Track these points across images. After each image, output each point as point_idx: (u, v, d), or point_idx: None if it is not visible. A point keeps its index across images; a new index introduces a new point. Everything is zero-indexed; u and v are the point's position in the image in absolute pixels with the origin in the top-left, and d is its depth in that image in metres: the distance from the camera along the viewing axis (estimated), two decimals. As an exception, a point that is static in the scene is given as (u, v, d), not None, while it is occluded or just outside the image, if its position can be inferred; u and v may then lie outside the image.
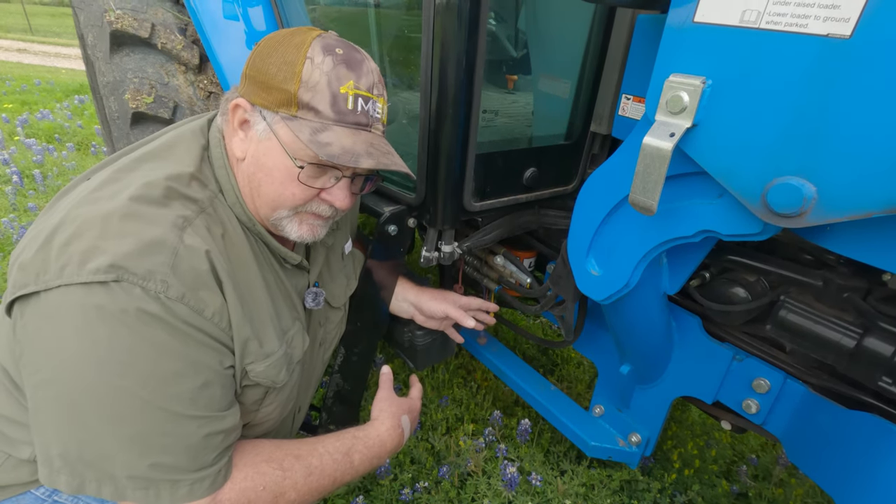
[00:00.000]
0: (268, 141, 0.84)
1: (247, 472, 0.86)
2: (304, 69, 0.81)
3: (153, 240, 0.73)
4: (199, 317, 0.75)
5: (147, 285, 0.70)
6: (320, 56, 0.82)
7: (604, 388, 1.67)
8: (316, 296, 1.09)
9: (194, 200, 0.82)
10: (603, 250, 1.09)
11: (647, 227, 0.96)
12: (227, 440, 0.82)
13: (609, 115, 1.30)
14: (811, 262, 1.13)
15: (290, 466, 0.90)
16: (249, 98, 0.85)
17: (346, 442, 1.01)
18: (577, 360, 2.54)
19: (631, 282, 1.04)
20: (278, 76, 0.81)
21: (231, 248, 0.85)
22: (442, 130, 1.17)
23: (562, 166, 1.44)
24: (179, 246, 0.75)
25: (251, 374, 0.88)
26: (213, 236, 0.82)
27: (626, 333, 1.32)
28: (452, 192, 1.25)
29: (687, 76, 0.78)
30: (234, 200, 0.88)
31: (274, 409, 0.99)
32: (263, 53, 0.84)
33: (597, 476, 1.75)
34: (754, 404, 1.24)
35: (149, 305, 0.70)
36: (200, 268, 0.76)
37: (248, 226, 0.90)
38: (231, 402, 0.85)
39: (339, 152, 0.81)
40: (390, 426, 1.10)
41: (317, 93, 0.81)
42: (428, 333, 1.52)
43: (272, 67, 0.82)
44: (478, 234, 1.45)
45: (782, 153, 0.71)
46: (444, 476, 1.73)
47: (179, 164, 0.85)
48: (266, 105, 0.83)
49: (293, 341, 0.99)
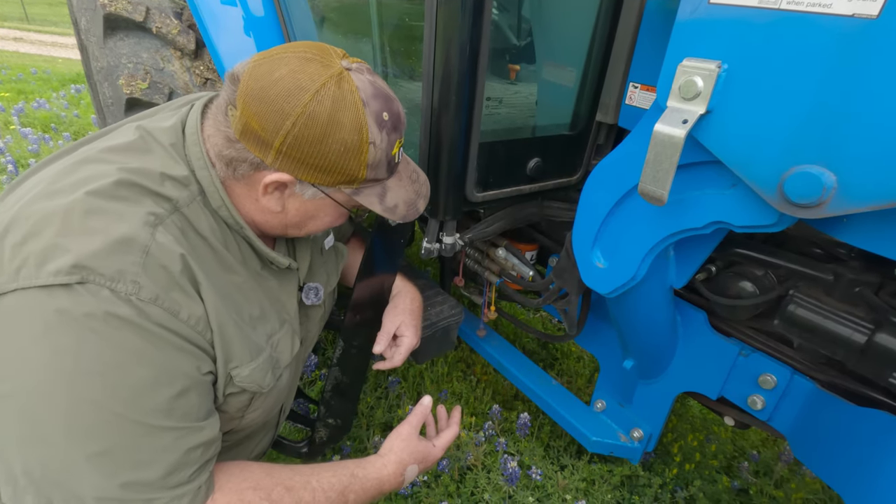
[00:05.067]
0: (321, 201, 0.85)
1: (230, 499, 0.80)
2: (370, 155, 0.80)
3: (122, 237, 0.68)
4: (174, 319, 0.70)
5: (116, 287, 0.65)
6: (378, 135, 0.80)
7: (605, 383, 1.65)
8: (317, 291, 1.07)
9: (168, 199, 0.77)
10: (609, 242, 1.06)
11: (655, 218, 0.93)
12: (207, 454, 0.78)
13: (616, 104, 1.27)
14: (821, 255, 1.11)
15: (278, 498, 0.84)
16: (294, 175, 0.79)
17: (342, 479, 0.95)
18: (577, 355, 2.53)
19: (638, 275, 1.02)
20: (340, 163, 0.78)
21: (209, 251, 0.81)
22: (444, 119, 1.14)
23: (566, 157, 1.41)
24: (151, 244, 0.70)
25: (236, 379, 0.83)
26: (188, 238, 0.77)
27: (630, 328, 1.30)
28: (455, 182, 1.22)
29: (701, 60, 0.75)
30: (220, 204, 0.83)
31: (259, 414, 0.95)
32: (310, 137, 0.75)
33: (597, 471, 1.73)
34: (760, 400, 1.22)
35: (119, 308, 0.65)
36: (174, 268, 0.71)
37: (234, 228, 0.86)
38: (210, 411, 0.80)
39: (405, 210, 0.89)
40: (393, 472, 1.04)
41: (379, 168, 0.83)
42: (428, 327, 1.50)
43: (331, 155, 0.77)
44: (480, 226, 1.42)
45: (801, 141, 0.68)
46: (443, 470, 1.72)
47: (152, 160, 0.79)
48: (323, 183, 0.81)
49: (279, 345, 0.95)
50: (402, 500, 1.67)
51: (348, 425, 1.51)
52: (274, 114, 0.73)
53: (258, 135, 0.76)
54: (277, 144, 0.75)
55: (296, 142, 0.75)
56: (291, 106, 0.73)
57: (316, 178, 0.80)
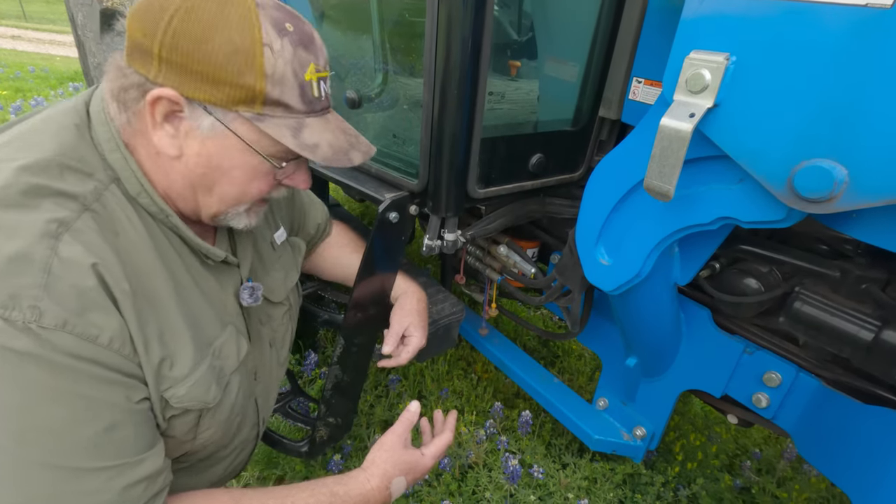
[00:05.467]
0: (222, 139, 0.71)
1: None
2: (266, 61, 0.66)
3: (14, 255, 0.58)
4: (91, 346, 0.61)
5: (11, 315, 0.56)
6: (277, 40, 0.67)
7: (608, 381, 1.64)
8: (253, 290, 0.92)
9: (72, 196, 0.65)
10: (613, 239, 1.05)
11: (661, 213, 0.92)
12: (152, 487, 0.69)
13: (619, 99, 1.26)
14: (827, 251, 1.10)
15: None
16: (181, 90, 0.66)
17: (321, 499, 0.87)
18: (578, 352, 2.51)
19: (642, 271, 1.00)
20: (229, 68, 0.65)
21: (129, 252, 0.69)
22: (446, 114, 1.12)
23: (568, 153, 1.39)
24: (52, 260, 0.59)
25: (173, 400, 0.74)
26: (105, 240, 0.66)
27: (633, 325, 1.29)
28: (456, 178, 1.21)
29: (709, 53, 0.74)
30: (139, 189, 0.72)
31: (214, 432, 0.85)
32: (190, 33, 0.64)
33: (599, 469, 1.72)
34: (764, 398, 1.21)
35: (15, 341, 0.56)
36: (85, 284, 0.61)
37: (159, 218, 0.75)
38: (151, 441, 0.71)
39: (332, 153, 0.73)
40: (377, 486, 0.95)
41: (285, 87, 0.69)
42: (429, 325, 1.48)
43: (216, 56, 0.65)
44: (481, 223, 1.40)
45: (812, 134, 0.67)
46: (444, 468, 1.70)
47: (44, 150, 0.66)
48: (214, 102, 0.68)
49: (222, 351, 0.84)
50: (403, 499, 1.66)
51: (349, 424, 1.50)
52: (153, 13, 0.64)
53: (141, 45, 0.65)
54: (157, 49, 0.64)
55: (175, 41, 0.64)
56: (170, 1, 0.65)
57: (206, 94, 0.67)
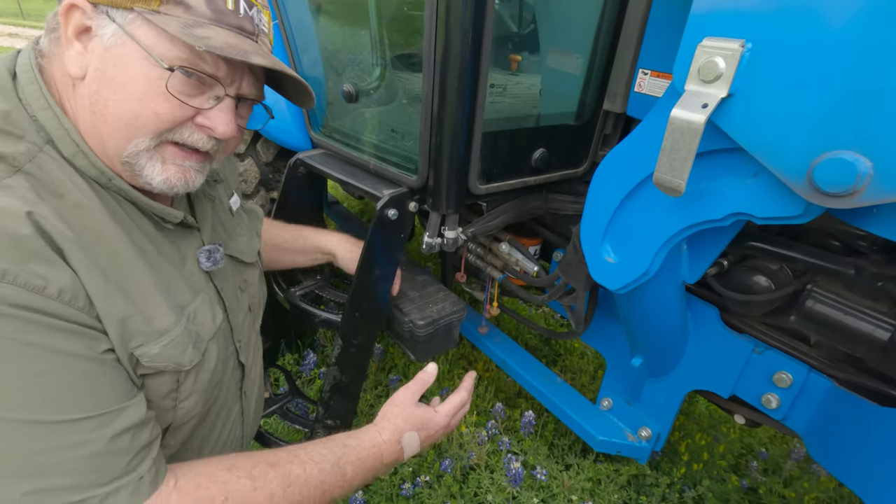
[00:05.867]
0: (119, 47, 0.64)
1: (199, 481, 0.70)
2: None
3: None
4: (38, 297, 0.57)
5: None
6: None
7: (612, 381, 1.61)
8: (210, 253, 0.85)
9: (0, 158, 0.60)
10: (620, 236, 1.01)
11: (671, 209, 0.88)
12: (140, 438, 0.66)
13: (624, 91, 1.22)
14: (840, 248, 1.06)
15: (261, 475, 0.74)
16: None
17: (334, 450, 0.85)
18: (580, 351, 2.48)
19: (650, 270, 0.97)
20: None
21: (76, 213, 0.64)
22: (446, 107, 1.08)
23: (572, 147, 1.35)
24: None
25: (144, 359, 0.69)
26: (43, 199, 0.61)
27: (639, 324, 1.25)
28: (457, 173, 1.17)
29: (723, 40, 0.70)
30: (75, 150, 0.66)
31: (196, 401, 0.80)
32: None
33: (604, 470, 1.70)
34: (775, 399, 1.18)
35: None
36: (21, 232, 0.56)
37: (101, 182, 0.69)
38: (128, 391, 0.67)
39: (222, 45, 0.64)
40: (389, 439, 0.93)
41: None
42: (430, 324, 1.45)
43: None
44: (483, 220, 1.37)
45: (834, 124, 0.63)
46: (446, 470, 1.68)
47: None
48: (115, 2, 0.62)
49: (196, 317, 0.79)
50: (404, 500, 1.63)
51: (348, 425, 1.47)
52: None
53: None
54: None
55: None
56: None
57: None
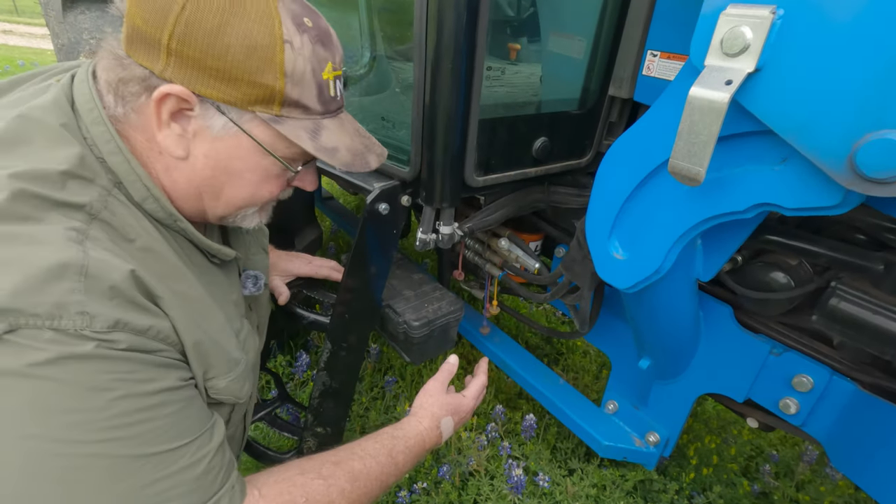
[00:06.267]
0: (233, 139, 0.68)
1: (281, 488, 0.74)
2: (286, 58, 0.63)
3: (49, 263, 0.54)
4: (143, 339, 0.60)
5: (61, 325, 0.53)
6: (297, 36, 0.64)
7: (618, 383, 1.53)
8: (256, 280, 0.93)
9: (77, 207, 0.60)
10: (629, 230, 0.93)
11: (688, 200, 0.80)
12: (226, 452, 0.71)
13: (631, 75, 1.14)
14: (867, 242, 0.98)
15: (330, 474, 0.80)
16: (192, 87, 0.63)
17: (385, 443, 0.92)
18: (583, 349, 2.41)
19: (663, 267, 0.89)
20: (247, 65, 0.62)
21: (148, 257, 0.67)
22: (440, 92, 1.00)
23: (575, 136, 1.27)
24: (87, 262, 0.56)
25: (211, 391, 0.74)
26: (121, 247, 0.63)
27: (648, 325, 1.18)
28: (452, 164, 1.09)
29: (750, 6, 0.62)
30: (145, 195, 0.67)
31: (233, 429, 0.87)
32: (204, 24, 0.60)
33: (609, 476, 1.62)
34: (794, 404, 1.10)
35: (75, 348, 0.54)
36: (124, 285, 0.59)
37: (166, 223, 0.71)
38: (209, 412, 0.72)
39: (351, 158, 0.72)
40: (429, 426, 1.01)
41: (304, 87, 0.67)
42: (425, 325, 1.37)
43: (233, 52, 0.61)
44: (480, 214, 1.29)
45: (881, 101, 0.55)
46: (444, 476, 1.61)
47: (38, 158, 0.60)
48: (229, 101, 0.64)
49: (246, 344, 0.85)
50: (401, 509, 1.56)
51: (340, 432, 1.39)
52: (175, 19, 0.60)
53: (144, 34, 0.61)
54: (166, 39, 0.60)
55: (187, 32, 0.60)
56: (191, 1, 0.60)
57: (220, 92, 0.63)
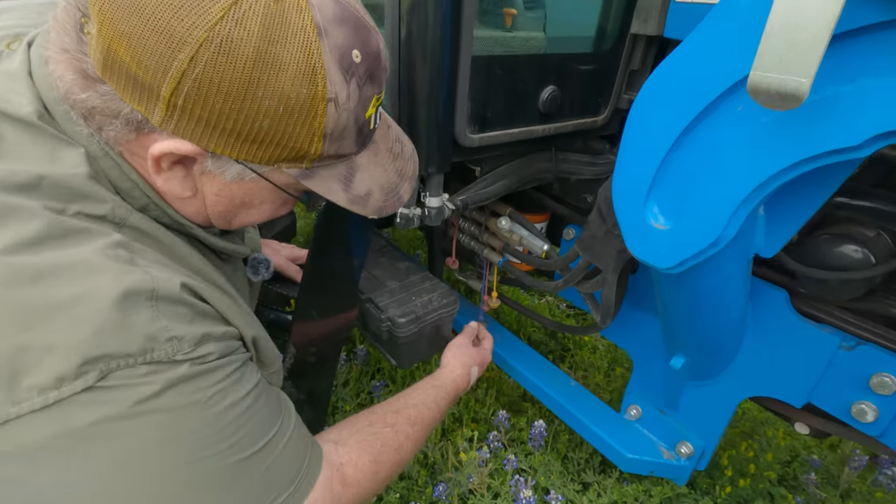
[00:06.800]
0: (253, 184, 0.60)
1: (357, 438, 0.79)
2: (328, 119, 0.52)
3: (115, 294, 0.48)
4: (224, 343, 0.59)
5: (154, 356, 0.50)
6: (344, 88, 0.52)
7: (641, 385, 1.31)
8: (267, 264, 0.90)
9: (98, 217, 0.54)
10: (675, 190, 0.70)
11: (768, 138, 0.57)
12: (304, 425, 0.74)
13: (661, 4, 0.91)
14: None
15: (394, 422, 0.86)
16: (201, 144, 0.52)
17: (429, 392, 1.00)
18: (591, 345, 2.20)
19: (724, 236, 0.66)
20: (278, 129, 0.51)
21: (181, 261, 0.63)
22: (418, 20, 0.78)
23: (589, 87, 1.04)
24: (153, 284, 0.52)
25: None
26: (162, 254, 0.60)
27: (687, 314, 0.95)
28: (439, 119, 0.86)
29: None
30: (146, 202, 0.59)
31: None
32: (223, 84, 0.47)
33: (631, 493, 1.41)
34: (871, 410, 0.89)
35: (172, 373, 0.51)
36: (187, 298, 0.55)
37: (177, 228, 0.65)
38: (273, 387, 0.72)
39: (383, 200, 0.65)
40: (461, 373, 1.10)
41: (344, 140, 0.57)
42: (413, 322, 1.15)
43: (261, 117, 0.50)
44: (476, 185, 1.06)
45: None
46: (440, 497, 1.40)
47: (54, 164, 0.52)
48: (253, 159, 0.54)
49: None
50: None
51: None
52: (157, 38, 0.45)
53: (132, 74, 0.48)
54: (167, 94, 0.47)
55: (200, 93, 0.47)
56: (188, 27, 0.45)
57: (239, 152, 0.53)
